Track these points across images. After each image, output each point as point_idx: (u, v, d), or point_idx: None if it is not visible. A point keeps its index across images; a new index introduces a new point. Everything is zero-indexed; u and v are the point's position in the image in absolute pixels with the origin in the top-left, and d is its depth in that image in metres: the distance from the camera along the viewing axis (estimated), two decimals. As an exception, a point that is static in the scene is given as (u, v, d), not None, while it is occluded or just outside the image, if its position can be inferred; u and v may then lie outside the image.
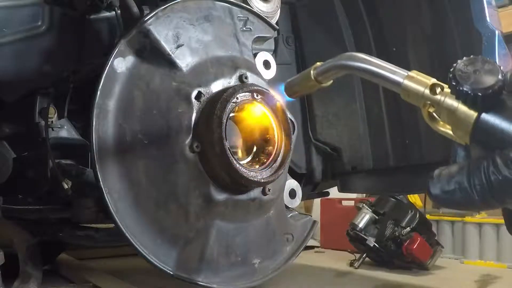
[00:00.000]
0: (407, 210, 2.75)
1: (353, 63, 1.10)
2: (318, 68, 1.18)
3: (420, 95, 0.98)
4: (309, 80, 1.19)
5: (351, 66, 1.10)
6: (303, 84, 1.23)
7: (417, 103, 1.00)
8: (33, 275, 1.84)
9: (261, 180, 1.57)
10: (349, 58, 1.12)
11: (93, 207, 1.78)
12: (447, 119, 0.96)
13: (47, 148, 1.80)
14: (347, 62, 1.12)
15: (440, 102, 0.95)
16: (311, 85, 1.20)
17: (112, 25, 1.81)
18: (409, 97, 1.01)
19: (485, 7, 1.75)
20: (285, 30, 2.28)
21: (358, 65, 1.09)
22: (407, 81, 1.01)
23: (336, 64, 1.15)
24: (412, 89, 0.99)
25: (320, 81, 1.18)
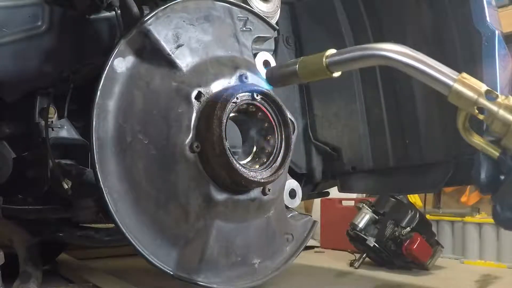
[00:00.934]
0: (407, 210, 2.75)
1: (395, 56, 1.05)
2: (335, 57, 1.11)
3: (473, 100, 0.97)
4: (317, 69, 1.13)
5: (392, 58, 1.05)
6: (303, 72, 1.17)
7: (466, 108, 0.99)
8: (33, 275, 1.84)
9: (261, 180, 1.57)
10: (388, 50, 1.06)
11: (93, 207, 1.78)
12: (500, 129, 0.95)
13: (47, 148, 1.80)
14: (387, 53, 1.06)
15: (495, 111, 0.95)
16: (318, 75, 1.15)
17: (112, 25, 1.81)
18: (459, 101, 0.99)
19: (485, 7, 1.75)
20: (285, 30, 2.28)
21: (402, 59, 1.04)
22: (458, 85, 0.99)
23: (369, 53, 1.08)
24: (464, 93, 0.98)
25: (332, 71, 1.13)
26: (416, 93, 2.02)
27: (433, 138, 2.00)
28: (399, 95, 2.09)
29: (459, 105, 1.00)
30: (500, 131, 0.96)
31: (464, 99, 0.98)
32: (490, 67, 1.74)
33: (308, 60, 1.16)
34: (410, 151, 2.07)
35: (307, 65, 1.16)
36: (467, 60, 1.84)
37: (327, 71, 1.12)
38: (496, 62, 1.73)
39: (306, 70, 1.17)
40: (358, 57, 1.10)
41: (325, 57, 1.12)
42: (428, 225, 2.83)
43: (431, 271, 2.65)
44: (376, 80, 2.15)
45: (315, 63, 1.14)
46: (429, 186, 2.15)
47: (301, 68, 1.18)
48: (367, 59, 1.09)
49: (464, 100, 0.98)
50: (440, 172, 1.97)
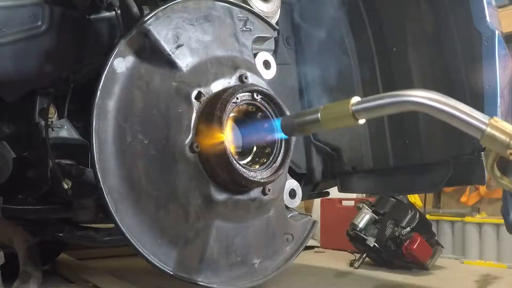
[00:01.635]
0: (407, 210, 2.75)
1: (427, 102, 1.07)
2: (362, 104, 1.12)
3: (505, 143, 1.00)
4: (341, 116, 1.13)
5: (424, 104, 1.07)
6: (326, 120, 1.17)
7: (499, 150, 1.02)
8: (33, 275, 1.84)
9: (261, 180, 1.56)
10: (420, 96, 1.08)
11: (93, 207, 1.78)
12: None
13: (47, 148, 1.80)
14: (419, 100, 1.08)
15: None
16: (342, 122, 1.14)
17: (112, 25, 1.81)
18: (492, 144, 1.02)
19: (485, 7, 1.75)
20: (285, 30, 2.28)
21: (434, 104, 1.06)
22: (491, 129, 1.02)
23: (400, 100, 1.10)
24: (497, 137, 1.01)
25: (358, 118, 1.13)
26: (416, 93, 2.02)
27: (433, 138, 2.00)
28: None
29: (492, 148, 1.03)
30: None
31: (497, 142, 1.02)
32: (490, 67, 1.74)
33: (331, 108, 1.16)
34: (410, 151, 2.07)
35: (331, 113, 1.16)
36: (467, 60, 1.84)
37: (352, 118, 1.12)
38: (496, 62, 1.74)
39: (329, 118, 1.17)
40: (388, 104, 1.11)
41: (351, 104, 1.12)
42: (428, 225, 2.83)
43: (431, 271, 2.65)
44: (376, 80, 2.15)
45: (339, 111, 1.14)
46: (429, 186, 2.15)
47: (323, 116, 1.18)
48: (398, 106, 1.11)
49: (497, 144, 1.02)
50: (440, 172, 1.97)
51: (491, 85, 1.75)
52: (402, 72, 2.06)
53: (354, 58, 2.21)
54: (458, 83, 1.88)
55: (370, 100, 1.13)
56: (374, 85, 2.16)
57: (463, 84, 1.87)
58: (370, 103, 1.13)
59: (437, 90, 1.97)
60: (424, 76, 2.01)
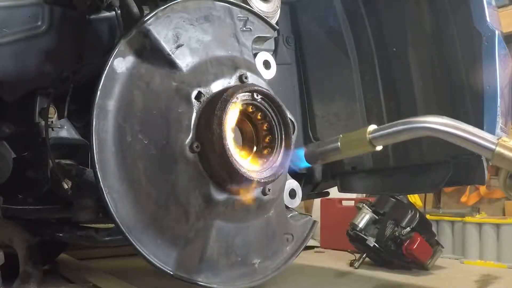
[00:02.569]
0: (407, 210, 2.75)
1: (439, 127, 1.14)
2: (378, 132, 1.18)
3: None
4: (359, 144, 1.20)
5: (436, 130, 1.14)
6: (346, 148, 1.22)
7: (509, 168, 1.07)
8: (33, 275, 1.84)
9: (261, 180, 1.57)
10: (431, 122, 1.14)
11: (93, 207, 1.78)
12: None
13: (47, 148, 1.80)
14: (431, 125, 1.14)
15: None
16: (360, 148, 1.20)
17: (112, 25, 1.81)
18: (502, 162, 1.07)
19: (485, 7, 1.75)
20: (285, 30, 2.28)
21: (446, 129, 1.13)
22: (500, 148, 1.07)
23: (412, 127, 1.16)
24: (506, 155, 1.06)
25: (376, 145, 1.20)
26: (416, 93, 2.03)
27: (433, 138, 1.99)
28: (399, 95, 2.09)
29: (502, 166, 1.09)
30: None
31: (507, 160, 1.07)
32: (490, 67, 1.74)
33: (349, 137, 1.23)
34: (410, 151, 2.07)
35: (349, 141, 1.22)
36: (467, 60, 1.84)
37: (369, 145, 1.19)
38: (496, 62, 1.74)
39: (348, 146, 1.23)
40: (402, 130, 1.18)
41: (368, 132, 1.19)
42: (428, 225, 2.83)
43: (431, 271, 2.66)
44: (376, 80, 2.15)
45: (357, 139, 1.21)
46: (429, 186, 2.15)
47: (343, 144, 1.24)
48: (412, 132, 1.17)
49: (507, 162, 1.07)
50: (440, 172, 1.97)
51: (491, 85, 1.75)
52: (402, 72, 2.06)
53: (354, 58, 2.21)
54: (458, 83, 1.88)
55: (385, 128, 1.20)
56: (374, 86, 2.16)
57: (463, 84, 1.87)
58: (385, 130, 1.19)
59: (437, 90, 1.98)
60: (424, 76, 2.01)
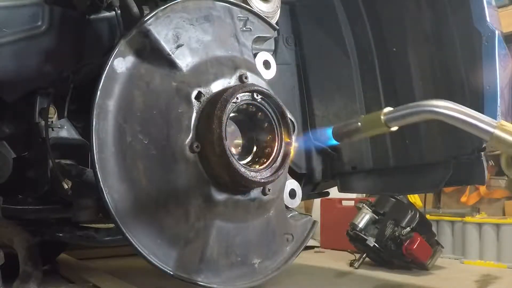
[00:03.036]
0: (407, 210, 2.75)
1: (442, 110, 1.19)
2: (391, 114, 1.26)
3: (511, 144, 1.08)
4: (376, 124, 1.28)
5: (439, 113, 1.19)
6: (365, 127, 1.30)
7: (507, 151, 1.10)
8: (33, 275, 1.84)
9: (261, 180, 1.56)
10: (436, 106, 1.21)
11: (93, 207, 1.78)
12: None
13: (47, 148, 1.80)
14: (435, 109, 1.20)
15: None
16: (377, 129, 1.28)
17: (112, 25, 1.81)
18: (500, 145, 1.10)
19: (485, 7, 1.75)
20: (285, 30, 2.28)
21: (448, 112, 1.18)
22: (498, 131, 1.10)
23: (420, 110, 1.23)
24: (504, 138, 1.09)
25: (390, 126, 1.27)
26: (416, 93, 2.03)
27: (433, 138, 2.00)
28: (399, 95, 2.09)
29: (500, 149, 1.12)
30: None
31: (504, 143, 1.09)
32: (490, 67, 1.74)
33: (368, 118, 1.33)
34: (410, 151, 2.07)
35: (368, 121, 1.32)
36: (467, 60, 1.84)
37: (385, 126, 1.27)
38: (496, 62, 1.74)
39: (368, 126, 1.33)
40: (411, 113, 1.25)
41: (383, 114, 1.27)
42: (428, 225, 2.83)
43: (431, 271, 2.65)
44: (376, 80, 2.15)
45: (374, 120, 1.29)
46: (429, 186, 2.15)
47: (363, 124, 1.34)
48: (419, 114, 1.24)
49: (505, 145, 1.10)
50: (440, 172, 1.97)
51: (491, 85, 1.75)
52: (402, 72, 2.06)
53: (354, 58, 2.21)
54: (458, 83, 1.88)
55: (397, 110, 1.27)
56: (374, 85, 2.16)
57: (463, 84, 1.87)
58: (396, 113, 1.27)
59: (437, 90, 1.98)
60: (424, 76, 2.01)
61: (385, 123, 1.26)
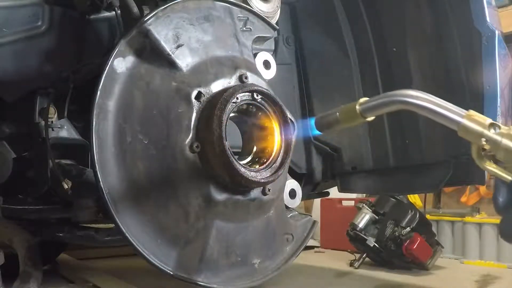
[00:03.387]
0: (407, 210, 2.75)
1: (411, 100, 1.17)
2: (365, 104, 1.25)
3: (479, 133, 1.08)
4: (353, 115, 1.27)
5: (409, 103, 1.18)
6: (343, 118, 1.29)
7: (474, 141, 1.10)
8: (33, 275, 1.84)
9: (261, 180, 1.56)
10: (406, 95, 1.19)
11: (93, 207, 1.78)
12: (504, 157, 1.06)
13: (47, 148, 1.80)
14: (405, 99, 1.19)
15: (498, 142, 1.05)
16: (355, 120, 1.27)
17: (112, 25, 1.81)
18: (467, 135, 1.10)
19: (485, 7, 1.75)
20: (285, 30, 2.28)
21: (417, 102, 1.17)
22: (466, 120, 1.10)
23: (390, 100, 1.22)
24: (471, 128, 1.09)
25: (366, 116, 1.26)
26: (416, 93, 2.02)
27: (433, 138, 2.00)
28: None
29: (468, 138, 1.11)
30: (505, 158, 1.07)
31: (471, 133, 1.09)
32: (490, 67, 1.74)
33: (346, 109, 1.31)
34: (410, 151, 2.07)
35: (346, 113, 1.31)
36: (467, 60, 1.84)
37: (360, 117, 1.26)
38: (496, 62, 1.74)
39: (345, 117, 1.32)
40: (382, 104, 1.24)
41: (358, 104, 1.26)
42: (428, 225, 2.83)
43: (431, 271, 2.65)
44: (376, 80, 2.15)
45: (351, 111, 1.28)
46: (429, 186, 2.15)
47: (341, 116, 1.33)
48: (390, 105, 1.23)
49: (472, 134, 1.09)
50: (440, 172, 1.97)
51: (491, 85, 1.75)
52: (402, 72, 2.06)
53: (354, 58, 2.21)
54: (458, 83, 1.88)
55: (371, 101, 1.25)
56: (374, 85, 2.16)
57: (463, 84, 1.87)
58: (370, 103, 1.25)
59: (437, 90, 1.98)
60: (424, 76, 2.01)
61: (360, 114, 1.26)
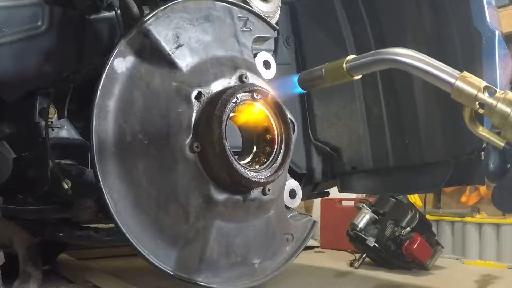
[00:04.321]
0: (407, 210, 2.75)
1: (403, 59, 1.13)
2: (353, 62, 1.21)
3: (473, 96, 1.04)
4: (339, 73, 1.22)
5: (400, 61, 1.13)
6: (328, 75, 1.24)
7: (468, 103, 1.05)
8: (33, 275, 1.84)
9: (261, 180, 1.57)
10: (397, 54, 1.14)
11: (93, 207, 1.78)
12: (498, 121, 1.03)
13: (47, 148, 1.80)
14: (396, 57, 1.14)
15: (493, 105, 1.02)
16: (341, 77, 1.21)
17: (112, 25, 1.81)
18: (461, 97, 1.06)
19: (485, 7, 1.75)
20: (285, 30, 2.28)
21: (408, 61, 1.12)
22: (460, 82, 1.06)
23: (380, 58, 1.17)
24: (465, 89, 1.05)
25: (353, 74, 1.22)
26: (416, 93, 2.03)
27: (433, 138, 2.00)
28: (399, 95, 2.09)
29: (461, 101, 1.09)
30: (499, 123, 1.03)
31: (465, 95, 1.05)
32: (490, 67, 1.74)
33: (332, 66, 1.25)
34: (410, 151, 2.07)
35: (331, 69, 1.24)
36: (467, 60, 1.84)
37: (348, 74, 1.22)
38: (496, 62, 1.74)
39: (330, 74, 1.25)
40: (372, 61, 1.19)
41: (345, 61, 1.22)
42: (428, 225, 2.83)
43: (431, 271, 2.65)
44: (376, 80, 2.15)
45: (337, 68, 1.24)
46: (429, 186, 2.15)
47: (326, 72, 1.26)
48: (380, 63, 1.18)
49: (465, 96, 1.05)
50: (440, 172, 1.97)
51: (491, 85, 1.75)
52: (402, 72, 2.06)
53: (354, 58, 2.21)
54: (458, 83, 1.88)
55: (359, 58, 1.21)
56: (374, 85, 2.16)
57: (463, 84, 1.87)
58: (358, 60, 1.21)
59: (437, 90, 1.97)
60: (424, 76, 2.01)
61: (347, 71, 1.22)
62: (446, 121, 1.93)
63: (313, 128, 2.31)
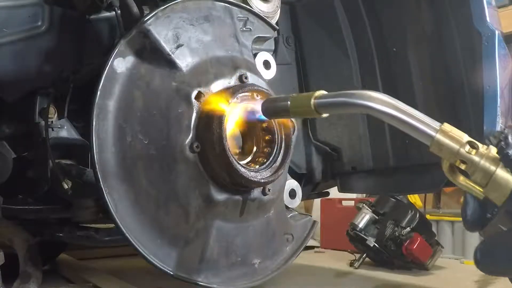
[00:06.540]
0: (407, 210, 2.75)
1: (376, 106, 1.03)
2: (322, 99, 1.11)
3: (454, 152, 0.96)
4: (306, 109, 1.13)
5: (373, 108, 1.03)
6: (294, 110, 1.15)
7: (448, 158, 0.98)
8: (33, 275, 1.85)
9: (261, 180, 1.57)
10: (370, 99, 1.04)
11: (93, 207, 1.78)
12: (481, 179, 0.95)
13: (47, 148, 1.80)
14: (368, 103, 1.04)
15: (476, 163, 0.94)
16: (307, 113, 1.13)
17: (112, 25, 1.81)
18: (441, 152, 0.98)
19: (485, 7, 1.75)
20: (285, 30, 2.28)
21: (383, 109, 1.02)
22: (440, 136, 0.98)
23: (351, 102, 1.07)
24: (446, 144, 0.98)
25: (321, 112, 1.12)
26: (416, 93, 2.03)
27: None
28: (399, 95, 2.09)
29: (441, 155, 1.00)
30: (481, 182, 0.96)
31: (446, 150, 0.98)
32: (490, 67, 1.74)
33: (299, 98, 1.16)
34: (410, 151, 2.07)
35: (298, 103, 1.16)
36: (467, 60, 1.84)
37: (315, 112, 1.12)
38: (496, 62, 1.74)
39: (296, 109, 1.17)
40: (342, 103, 1.09)
41: (314, 97, 1.11)
42: (428, 225, 2.83)
43: (431, 271, 2.65)
44: (376, 80, 2.15)
45: (305, 103, 1.13)
46: (429, 186, 2.15)
47: (292, 105, 1.18)
48: (351, 107, 1.08)
49: (446, 151, 0.98)
50: (440, 172, 1.96)
51: (491, 85, 1.75)
52: (402, 72, 2.06)
53: (354, 58, 2.21)
54: (458, 83, 1.88)
55: (329, 96, 1.11)
56: (374, 86, 2.16)
57: (463, 84, 1.87)
58: (328, 99, 1.11)
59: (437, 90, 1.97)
60: (424, 76, 2.01)
61: (315, 109, 1.11)
62: (445, 121, 1.92)
63: (313, 128, 2.31)
